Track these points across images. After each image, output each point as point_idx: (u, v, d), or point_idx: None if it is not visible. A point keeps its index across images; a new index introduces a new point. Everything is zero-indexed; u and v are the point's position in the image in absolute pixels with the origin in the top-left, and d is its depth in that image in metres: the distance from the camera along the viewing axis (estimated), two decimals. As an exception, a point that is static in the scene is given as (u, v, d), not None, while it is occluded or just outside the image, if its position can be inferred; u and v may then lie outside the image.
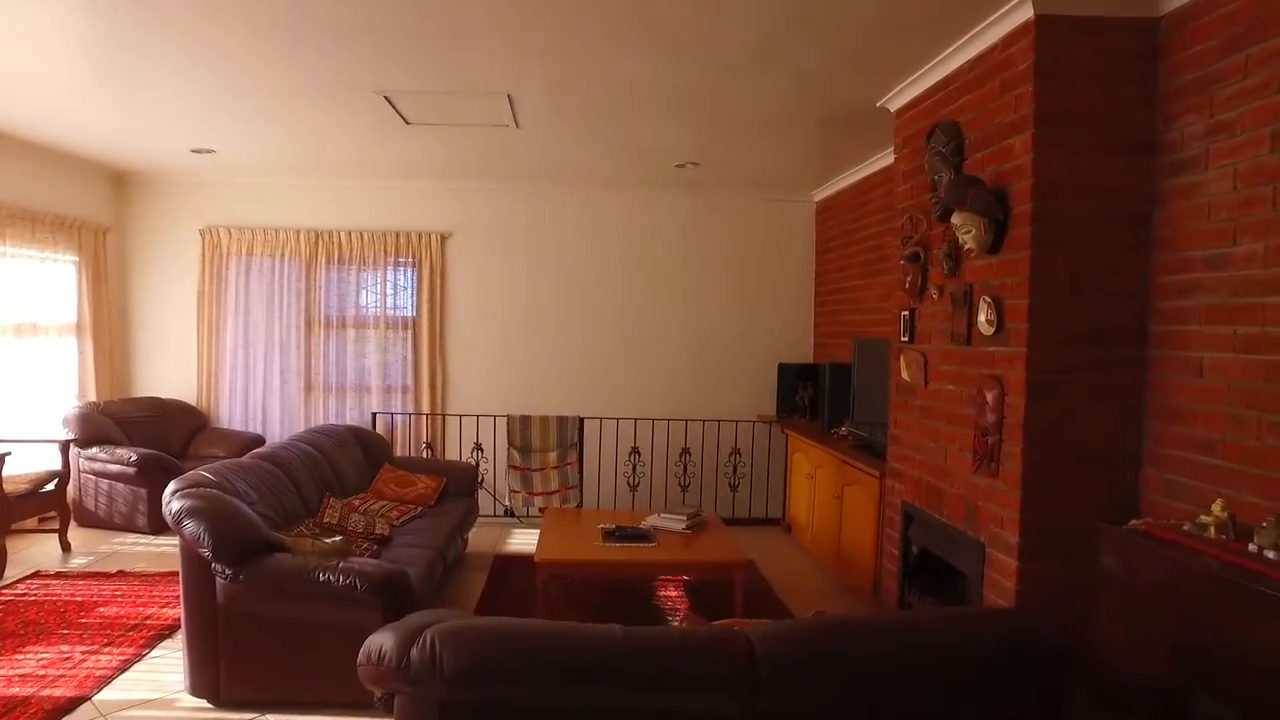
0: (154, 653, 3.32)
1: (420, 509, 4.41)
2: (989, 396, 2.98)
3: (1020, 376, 2.81)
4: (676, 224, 6.59)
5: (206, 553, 2.70)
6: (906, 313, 3.79)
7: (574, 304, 6.54)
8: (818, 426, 5.88)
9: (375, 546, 3.55)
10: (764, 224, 6.64)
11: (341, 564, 2.77)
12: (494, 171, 6.01)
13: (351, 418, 6.34)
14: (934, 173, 3.38)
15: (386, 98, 4.10)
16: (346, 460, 4.46)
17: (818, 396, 6.29)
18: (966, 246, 3.01)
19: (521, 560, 4.89)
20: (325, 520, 3.67)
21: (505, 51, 3.44)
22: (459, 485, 4.88)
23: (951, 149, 3.26)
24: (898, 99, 3.88)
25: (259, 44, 3.38)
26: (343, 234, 6.30)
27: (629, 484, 5.97)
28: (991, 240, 2.94)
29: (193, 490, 2.85)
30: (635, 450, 5.94)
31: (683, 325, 6.62)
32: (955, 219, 3.00)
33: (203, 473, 3.12)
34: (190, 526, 2.71)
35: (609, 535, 3.98)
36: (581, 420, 5.84)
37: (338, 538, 2.96)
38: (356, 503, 4.17)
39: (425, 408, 6.38)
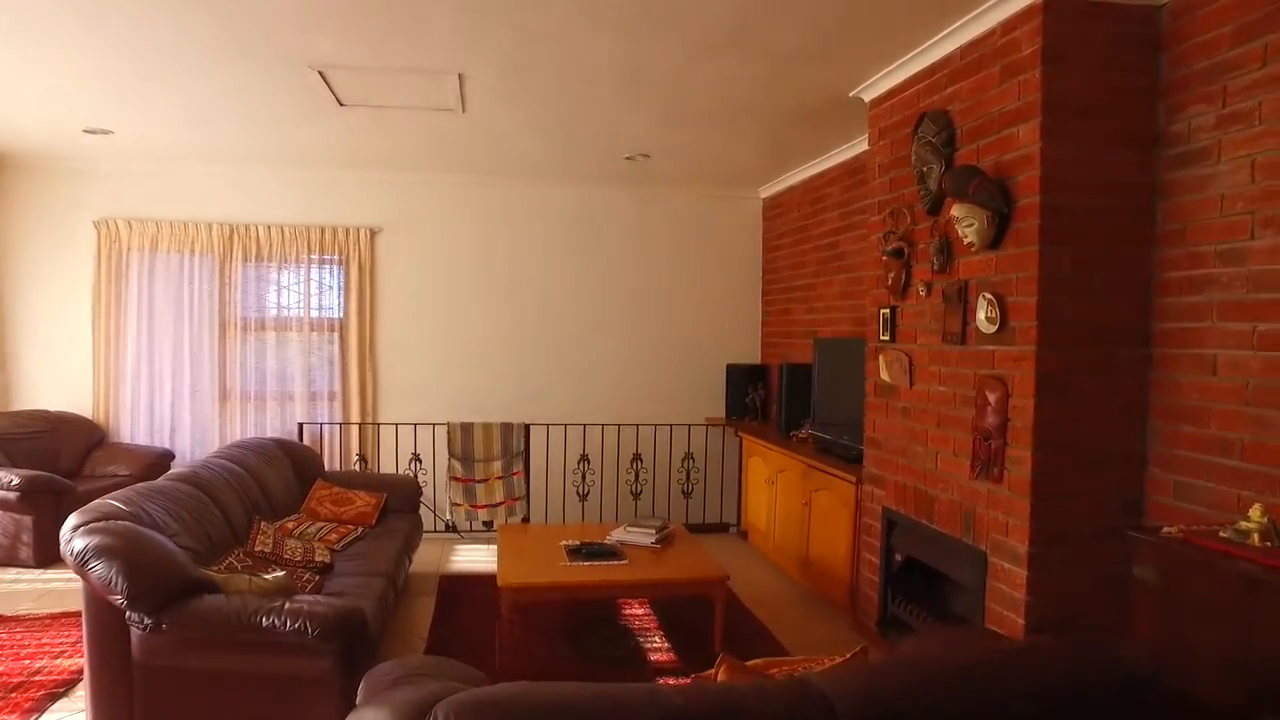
0: (45, 719, 2.81)
1: (361, 529, 3.98)
2: (991, 398, 2.85)
3: (1029, 377, 2.68)
4: (621, 220, 6.33)
5: (120, 600, 2.26)
6: (886, 311, 3.64)
7: (514, 304, 6.18)
8: (772, 429, 5.74)
9: (317, 576, 3.13)
10: (710, 221, 6.45)
11: (287, 604, 2.37)
12: (430, 162, 5.59)
13: (273, 429, 5.79)
14: (922, 164, 3.24)
15: (321, 73, 3.67)
16: (275, 478, 3.98)
17: (769, 398, 6.16)
18: (967, 241, 2.87)
19: (471, 581, 4.52)
20: (257, 548, 3.22)
21: (462, 22, 3.09)
22: (400, 501, 4.47)
23: (942, 139, 3.12)
24: (874, 88, 3.73)
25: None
26: (261, 228, 5.74)
27: (578, 493, 5.66)
28: (994, 234, 2.80)
29: (100, 525, 2.39)
30: (585, 458, 5.64)
31: (629, 326, 6.36)
32: (956, 211, 2.85)
33: (111, 501, 2.64)
34: (99, 569, 2.26)
35: (574, 553, 3.67)
36: (527, 427, 5.50)
37: (279, 573, 2.55)
38: (290, 525, 3.72)
39: (355, 416, 5.88)
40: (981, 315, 2.90)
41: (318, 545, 3.50)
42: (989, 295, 2.86)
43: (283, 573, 2.57)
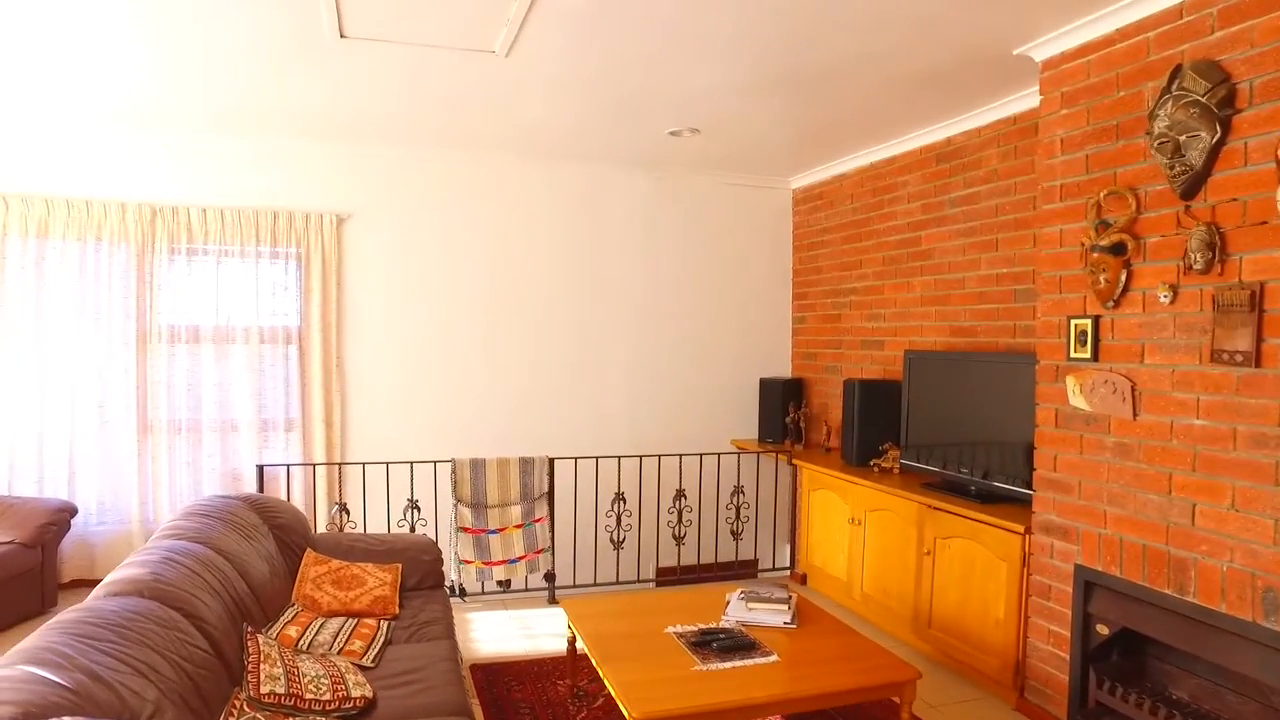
0: None
1: (387, 623, 2.88)
2: (1331, 440, 2.12)
3: None
4: (640, 210, 5.39)
5: None
6: (1085, 322, 2.88)
7: (518, 310, 5.12)
8: (820, 453, 4.97)
9: (365, 728, 2.05)
10: (733, 213, 5.60)
11: None
12: (420, 132, 4.46)
13: (210, 471, 4.51)
14: (1181, 132, 2.48)
15: (334, -21, 2.56)
16: (257, 558, 2.81)
17: (809, 418, 5.39)
18: (1303, 228, 2.13)
19: (514, 672, 3.47)
20: (264, 690, 2.10)
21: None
22: (419, 573, 3.37)
23: (1218, 99, 2.38)
24: (1056, 43, 2.98)
25: None
26: (194, 211, 4.43)
27: (613, 541, 4.66)
28: (1346, 219, 2.08)
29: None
30: (620, 496, 4.65)
31: (646, 334, 5.41)
32: (1294, 188, 2.11)
33: (30, 670, 1.49)
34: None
35: (700, 648, 2.72)
36: (551, 462, 4.46)
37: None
38: (293, 633, 2.58)
39: (319, 450, 4.66)
40: (1307, 329, 2.17)
41: (344, 666, 2.39)
42: (1324, 302, 2.13)
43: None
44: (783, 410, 5.38)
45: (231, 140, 4.49)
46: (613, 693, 2.47)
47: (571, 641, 3.23)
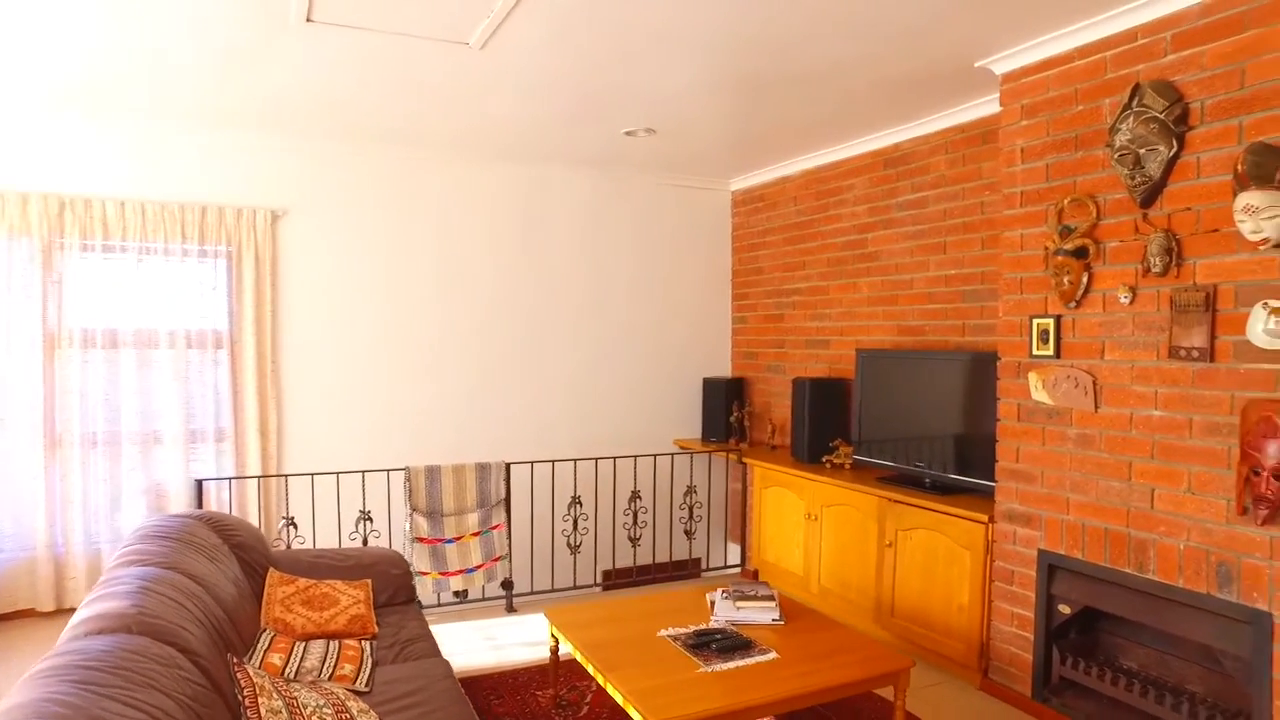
0: None
1: (369, 644, 2.71)
2: (1283, 428, 2.34)
3: (1364, 403, 2.20)
4: (584, 210, 5.34)
5: None
6: (1046, 321, 3.07)
7: (461, 311, 4.96)
8: (776, 453, 5.08)
9: (384, 758, 1.93)
10: (674, 214, 5.65)
11: None
12: (366, 126, 4.24)
13: (130, 487, 4.13)
14: (1141, 145, 2.68)
15: (317, -42, 2.39)
16: (226, 581, 2.58)
17: (751, 416, 5.50)
18: (1259, 236, 2.34)
19: (488, 687, 3.35)
20: (270, 724, 1.93)
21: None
22: (388, 588, 3.20)
23: (1175, 116, 2.59)
24: (1019, 57, 3.15)
25: None
26: (110, 204, 4.04)
27: (569, 544, 4.58)
28: (1295, 228, 2.30)
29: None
30: (577, 499, 4.58)
31: (593, 337, 5.38)
32: (1253, 200, 2.31)
33: None
34: None
35: (697, 648, 2.72)
36: (508, 467, 4.35)
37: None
38: (277, 661, 2.39)
39: (253, 463, 4.35)
40: (1259, 327, 2.39)
41: (342, 694, 2.24)
42: (1275, 303, 2.35)
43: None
44: (725, 409, 5.45)
45: (155, 126, 4.12)
46: (621, 701, 2.44)
47: (554, 650, 3.16)
